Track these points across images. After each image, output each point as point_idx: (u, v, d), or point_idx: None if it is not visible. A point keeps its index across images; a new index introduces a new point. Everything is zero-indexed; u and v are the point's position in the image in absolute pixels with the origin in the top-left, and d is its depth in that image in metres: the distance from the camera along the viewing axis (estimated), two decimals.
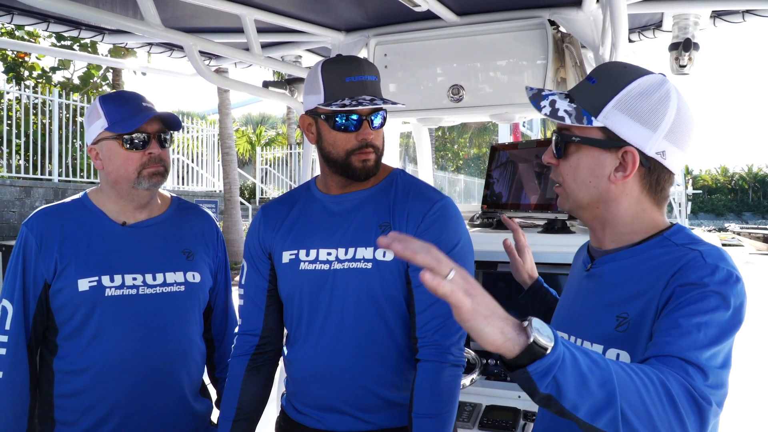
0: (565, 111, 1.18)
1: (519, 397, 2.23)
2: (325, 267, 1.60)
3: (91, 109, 1.80)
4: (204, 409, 1.93)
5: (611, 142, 1.17)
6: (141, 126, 1.75)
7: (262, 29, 2.58)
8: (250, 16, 2.33)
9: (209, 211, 2.06)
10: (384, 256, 1.56)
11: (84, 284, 1.72)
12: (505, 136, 10.81)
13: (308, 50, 3.01)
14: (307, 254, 1.62)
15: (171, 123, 1.82)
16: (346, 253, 1.58)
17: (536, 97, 1.23)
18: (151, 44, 2.84)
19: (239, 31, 2.54)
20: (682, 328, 1.01)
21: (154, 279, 1.79)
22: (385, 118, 1.61)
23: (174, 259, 1.84)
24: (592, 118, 1.17)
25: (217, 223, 2.06)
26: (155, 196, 1.89)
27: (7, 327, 1.74)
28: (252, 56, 2.47)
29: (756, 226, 36.52)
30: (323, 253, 1.61)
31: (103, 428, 1.74)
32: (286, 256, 1.66)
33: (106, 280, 1.74)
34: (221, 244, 2.01)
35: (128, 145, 1.75)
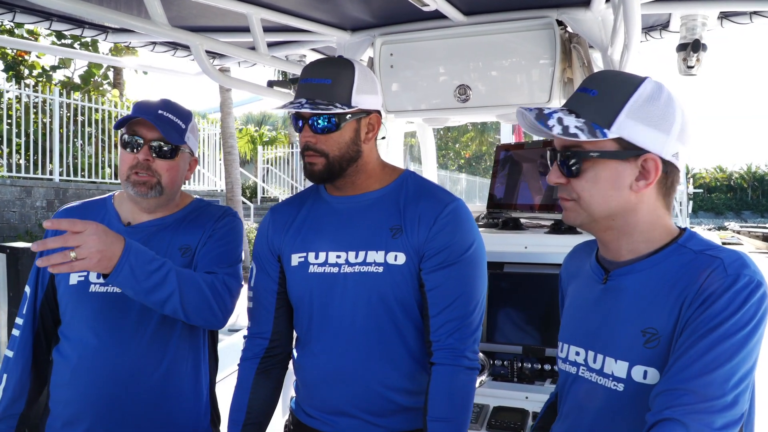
0: (576, 128, 1.15)
1: (526, 398, 2.23)
2: (335, 270, 1.58)
3: None
4: (197, 407, 1.85)
5: (629, 152, 1.16)
6: (134, 128, 1.74)
7: (268, 28, 2.57)
8: (256, 15, 2.32)
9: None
10: (395, 259, 1.54)
11: (74, 278, 1.75)
12: (507, 135, 10.78)
13: (313, 49, 3.00)
14: (316, 257, 1.61)
15: (169, 134, 1.75)
16: (356, 257, 1.56)
17: (540, 117, 1.19)
18: (154, 43, 2.83)
19: (244, 30, 2.53)
20: (700, 354, 1.05)
21: None
22: (334, 123, 1.54)
23: (167, 258, 1.77)
24: (605, 131, 1.15)
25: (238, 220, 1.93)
26: (165, 203, 1.84)
27: (24, 311, 1.84)
28: (258, 56, 2.46)
29: (755, 225, 36.54)
30: (332, 256, 1.59)
31: (79, 426, 1.72)
32: (295, 259, 1.64)
33: (93, 276, 1.74)
34: (219, 226, 1.85)
35: (122, 144, 1.77)
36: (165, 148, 1.77)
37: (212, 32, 2.65)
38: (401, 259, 1.54)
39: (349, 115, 1.55)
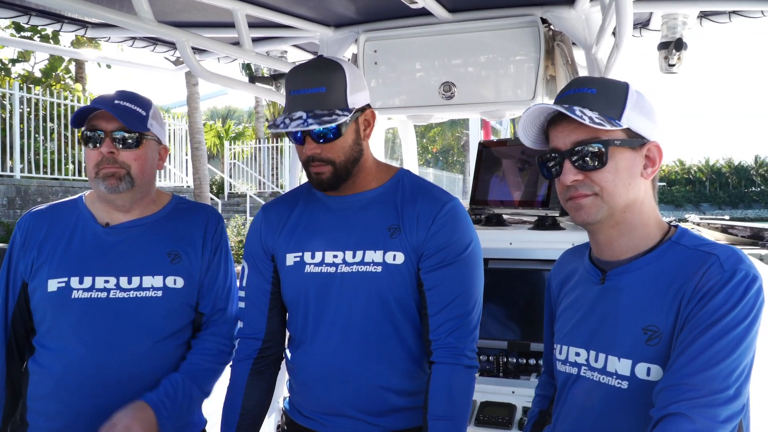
0: (598, 118, 1.20)
1: (513, 392, 2.25)
2: (332, 270, 1.57)
3: None
4: (190, 416, 1.81)
5: (636, 140, 1.23)
6: (93, 123, 1.68)
7: (251, 24, 2.54)
8: (241, 11, 2.29)
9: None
10: (394, 259, 1.54)
11: (53, 285, 1.66)
12: (475, 131, 10.82)
13: (295, 45, 2.97)
14: (312, 256, 1.59)
15: (130, 122, 1.69)
16: (353, 256, 1.56)
17: (566, 110, 1.23)
18: (134, 38, 2.77)
19: (228, 25, 2.50)
20: (701, 349, 1.08)
21: (130, 282, 1.68)
22: (336, 130, 1.52)
23: (155, 262, 1.73)
24: (617, 121, 1.21)
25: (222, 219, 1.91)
26: (139, 197, 1.76)
27: None
28: (242, 51, 2.43)
29: (714, 217, 37.49)
30: (329, 256, 1.58)
31: None
32: (290, 259, 1.62)
33: (74, 281, 1.66)
34: (215, 239, 1.83)
35: (84, 141, 1.70)
36: (129, 139, 1.69)
37: (196, 27, 2.61)
38: (400, 258, 1.54)
39: (349, 118, 1.53)
